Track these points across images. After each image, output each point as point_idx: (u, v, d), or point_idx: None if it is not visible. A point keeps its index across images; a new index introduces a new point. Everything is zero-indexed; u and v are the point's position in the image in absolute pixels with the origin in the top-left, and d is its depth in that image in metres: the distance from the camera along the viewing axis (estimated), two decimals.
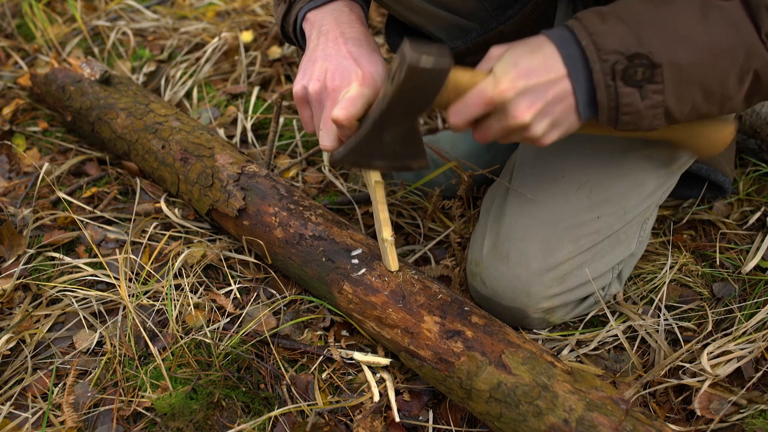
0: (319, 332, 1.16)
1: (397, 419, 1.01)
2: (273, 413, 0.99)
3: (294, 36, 1.07)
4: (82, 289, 1.19)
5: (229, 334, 1.11)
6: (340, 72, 0.91)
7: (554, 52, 0.79)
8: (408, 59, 0.75)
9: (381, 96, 0.85)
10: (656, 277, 1.21)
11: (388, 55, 1.81)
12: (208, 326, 1.13)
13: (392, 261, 1.03)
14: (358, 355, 1.09)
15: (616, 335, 1.12)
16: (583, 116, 0.82)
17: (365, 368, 1.08)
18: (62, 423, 1.00)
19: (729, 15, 0.77)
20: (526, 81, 0.78)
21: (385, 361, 1.08)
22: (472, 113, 0.82)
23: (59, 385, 1.07)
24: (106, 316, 1.18)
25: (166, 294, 1.13)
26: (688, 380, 1.01)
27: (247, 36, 1.92)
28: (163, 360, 1.05)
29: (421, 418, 1.03)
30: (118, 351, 1.09)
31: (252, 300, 1.21)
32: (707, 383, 0.99)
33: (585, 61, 0.78)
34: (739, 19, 0.77)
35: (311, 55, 0.96)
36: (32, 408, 1.04)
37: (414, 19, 1.03)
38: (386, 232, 1.01)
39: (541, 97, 0.79)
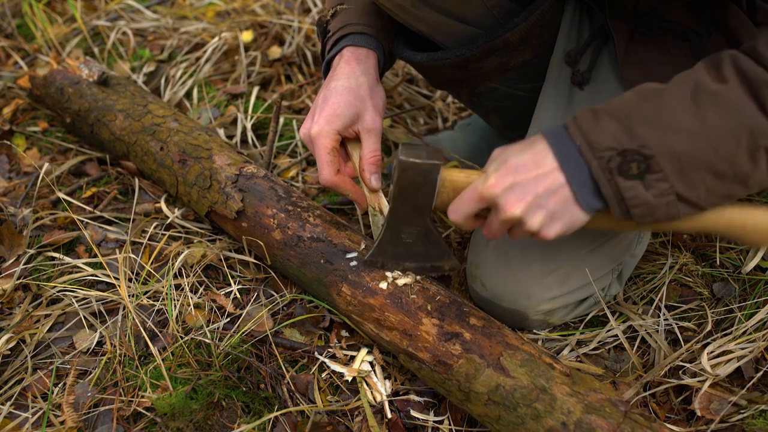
0: (319, 332, 1.16)
1: (393, 418, 1.01)
2: (273, 414, 0.99)
3: None
4: (82, 289, 1.19)
5: (229, 334, 1.11)
6: (310, 122, 1.06)
7: (545, 148, 0.82)
8: (400, 158, 0.86)
9: (389, 198, 0.95)
10: (656, 277, 1.20)
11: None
12: (208, 326, 1.13)
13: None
14: (334, 366, 1.09)
15: (616, 335, 1.12)
16: (586, 207, 0.82)
17: (357, 374, 1.08)
18: (62, 423, 1.00)
19: (724, 99, 0.75)
20: (513, 177, 0.81)
21: (366, 366, 1.09)
22: (467, 209, 0.87)
23: (59, 385, 1.07)
24: (106, 316, 1.18)
25: (166, 294, 1.13)
26: (688, 380, 1.01)
27: (247, 36, 1.92)
28: (163, 360, 1.05)
29: (421, 417, 1.03)
30: (118, 351, 1.09)
31: (252, 300, 1.21)
32: (707, 383, 0.99)
33: (582, 156, 0.80)
34: (737, 101, 0.75)
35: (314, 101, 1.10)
36: (32, 408, 1.04)
37: (422, 28, 1.05)
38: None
39: (530, 191, 0.81)
